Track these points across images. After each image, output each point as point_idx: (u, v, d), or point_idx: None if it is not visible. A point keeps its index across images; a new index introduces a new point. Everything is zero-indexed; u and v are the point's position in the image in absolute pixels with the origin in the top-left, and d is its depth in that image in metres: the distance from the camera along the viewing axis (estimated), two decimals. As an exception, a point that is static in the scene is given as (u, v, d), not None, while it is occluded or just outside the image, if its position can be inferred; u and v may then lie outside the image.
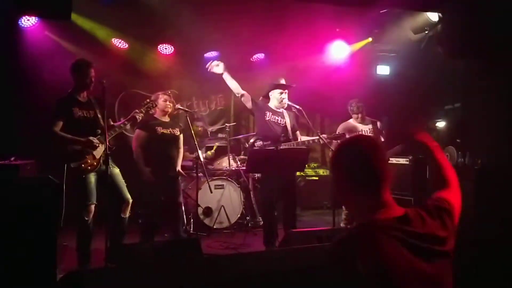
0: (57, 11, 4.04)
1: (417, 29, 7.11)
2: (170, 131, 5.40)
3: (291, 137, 5.29)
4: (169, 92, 5.60)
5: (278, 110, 5.34)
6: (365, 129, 6.01)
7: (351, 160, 1.69)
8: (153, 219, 5.36)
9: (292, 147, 5.11)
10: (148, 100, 4.95)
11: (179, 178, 5.60)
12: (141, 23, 7.05)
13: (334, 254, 1.66)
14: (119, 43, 7.38)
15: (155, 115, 5.44)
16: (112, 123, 4.70)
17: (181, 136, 5.58)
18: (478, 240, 3.74)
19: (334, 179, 1.77)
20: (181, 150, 5.64)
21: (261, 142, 5.16)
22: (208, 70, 5.19)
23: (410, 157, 6.92)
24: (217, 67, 5.18)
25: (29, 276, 2.94)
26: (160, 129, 5.32)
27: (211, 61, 5.23)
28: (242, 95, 5.30)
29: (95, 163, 4.42)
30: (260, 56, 8.26)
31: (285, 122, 5.31)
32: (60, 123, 4.39)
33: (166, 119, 5.49)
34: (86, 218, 4.38)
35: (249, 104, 5.31)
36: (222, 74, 5.22)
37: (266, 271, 3.02)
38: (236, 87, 5.28)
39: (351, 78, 8.11)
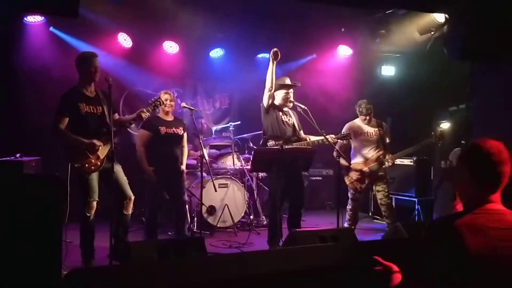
0: (63, 8, 4.03)
1: (423, 30, 7.09)
2: (173, 131, 5.38)
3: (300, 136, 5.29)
4: (170, 92, 5.57)
5: (284, 109, 5.33)
6: (371, 131, 5.97)
7: (481, 163, 1.94)
8: (157, 218, 5.37)
9: (297, 147, 5.09)
10: (154, 98, 4.94)
11: (183, 176, 5.61)
12: (146, 21, 7.07)
13: (442, 231, 1.91)
14: (124, 41, 7.40)
15: (158, 115, 5.44)
16: (117, 116, 4.69)
17: (185, 134, 5.57)
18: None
19: (458, 172, 2.03)
20: (185, 149, 5.63)
21: (273, 142, 5.11)
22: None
23: (414, 158, 6.92)
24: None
25: (34, 273, 2.95)
26: (163, 129, 5.31)
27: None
28: (271, 90, 5.14)
29: (98, 163, 4.40)
30: (265, 55, 8.25)
31: (293, 122, 5.30)
32: (66, 120, 4.35)
33: (170, 118, 5.47)
34: (88, 215, 4.39)
35: (271, 101, 5.20)
36: (274, 59, 4.98)
37: (270, 271, 3.02)
38: (273, 81, 5.10)
39: (356, 79, 8.11)
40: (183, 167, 5.55)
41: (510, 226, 1.86)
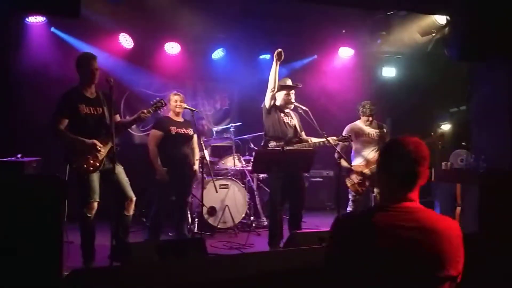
0: (65, 8, 4.03)
1: (424, 32, 7.08)
2: (184, 131, 5.45)
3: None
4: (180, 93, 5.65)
5: (286, 111, 5.32)
6: (372, 132, 5.96)
7: (396, 160, 1.90)
8: (160, 219, 5.38)
9: (297, 148, 5.09)
10: (157, 99, 4.92)
11: (193, 178, 5.68)
12: (148, 22, 7.07)
13: (338, 223, 2.00)
14: (126, 41, 7.40)
15: (168, 115, 5.49)
16: (119, 118, 4.71)
17: (195, 136, 5.64)
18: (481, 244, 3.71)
19: (378, 166, 2.03)
20: (196, 150, 5.70)
21: (274, 143, 5.11)
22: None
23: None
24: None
25: (34, 273, 2.95)
26: (174, 129, 5.39)
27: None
28: (273, 90, 5.11)
29: (97, 164, 4.37)
30: (266, 56, 8.25)
31: (294, 123, 5.30)
32: (66, 121, 4.34)
33: (180, 119, 5.55)
34: (89, 215, 4.37)
35: (272, 102, 5.19)
36: (278, 59, 4.96)
37: (270, 272, 3.02)
38: (275, 81, 5.06)
39: (356, 80, 8.11)
40: (196, 167, 5.59)
41: (416, 225, 1.77)
